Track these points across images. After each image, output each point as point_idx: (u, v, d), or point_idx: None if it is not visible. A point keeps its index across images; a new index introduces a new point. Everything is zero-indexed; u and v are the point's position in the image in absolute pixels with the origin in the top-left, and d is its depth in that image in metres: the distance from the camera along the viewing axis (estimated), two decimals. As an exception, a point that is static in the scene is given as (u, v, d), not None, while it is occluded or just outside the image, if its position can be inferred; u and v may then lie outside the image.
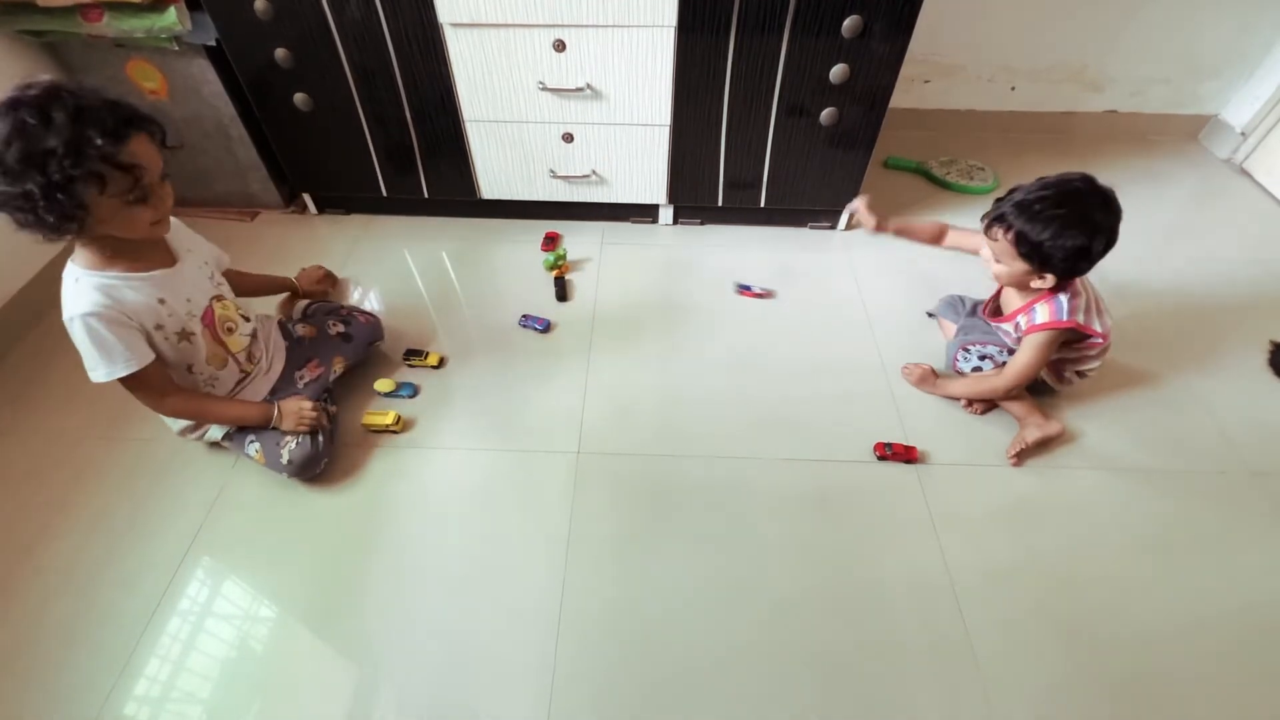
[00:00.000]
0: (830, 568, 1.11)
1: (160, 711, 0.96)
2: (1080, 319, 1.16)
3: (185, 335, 1.08)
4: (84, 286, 0.96)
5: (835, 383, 1.41)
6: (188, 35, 1.44)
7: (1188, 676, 0.99)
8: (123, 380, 1.01)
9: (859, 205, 1.37)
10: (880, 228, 1.36)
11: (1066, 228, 1.06)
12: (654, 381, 1.42)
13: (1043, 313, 1.18)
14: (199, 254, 1.16)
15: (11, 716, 0.95)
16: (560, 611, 1.05)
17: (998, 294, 1.33)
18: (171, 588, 1.08)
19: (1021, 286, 1.21)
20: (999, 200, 1.16)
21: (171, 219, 1.11)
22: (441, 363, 1.45)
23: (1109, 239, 1.08)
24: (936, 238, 1.38)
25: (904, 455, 1.25)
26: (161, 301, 1.03)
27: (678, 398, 1.38)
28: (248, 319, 1.23)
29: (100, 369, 0.98)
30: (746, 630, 1.04)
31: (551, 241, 1.76)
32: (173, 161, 0.96)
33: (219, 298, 1.15)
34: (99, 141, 0.83)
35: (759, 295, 1.59)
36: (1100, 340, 1.21)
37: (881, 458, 1.26)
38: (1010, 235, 1.11)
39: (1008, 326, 1.28)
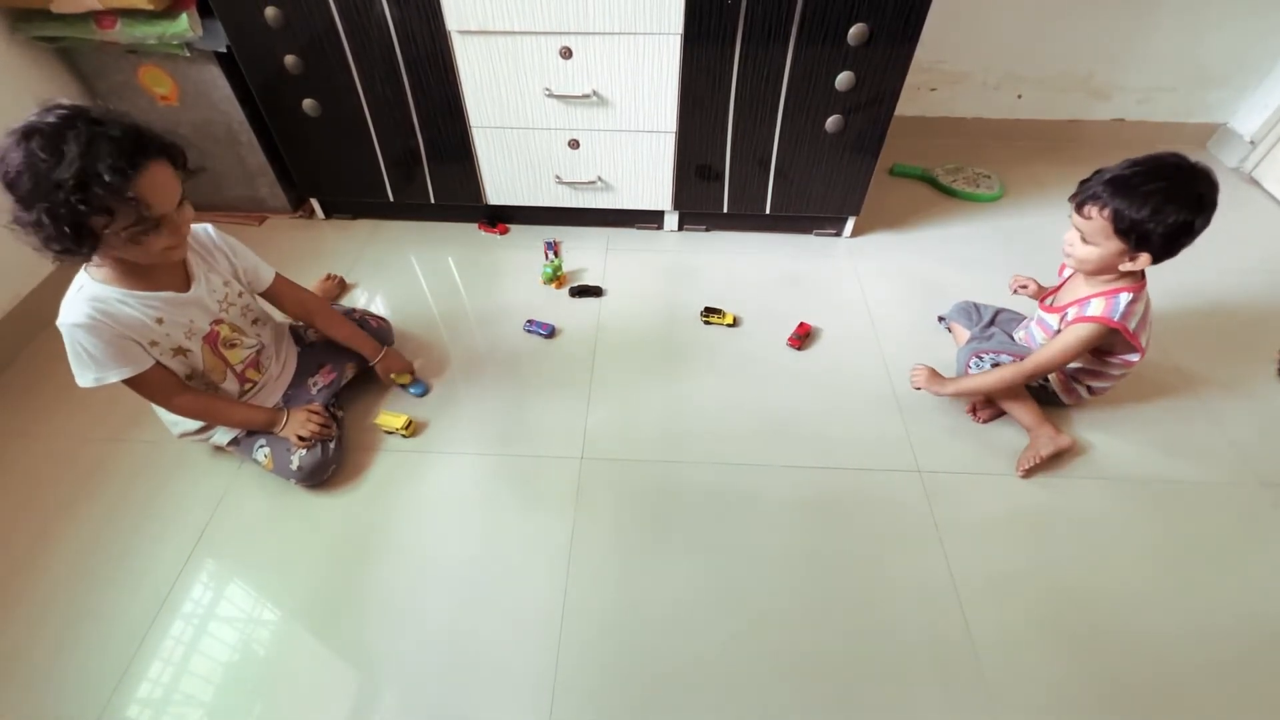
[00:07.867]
0: (834, 576, 1.10)
1: (162, 714, 0.96)
2: (1132, 325, 1.13)
3: (180, 352, 1.08)
4: (81, 297, 0.96)
5: (840, 390, 1.41)
6: (199, 42, 1.46)
7: (1196, 688, 0.98)
8: (126, 382, 1.02)
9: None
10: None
11: (1169, 202, 1.00)
12: (657, 388, 1.41)
13: (1097, 306, 1.13)
14: (222, 273, 1.14)
15: (14, 717, 0.95)
16: (562, 616, 1.05)
17: (1062, 283, 1.28)
18: (175, 591, 1.08)
19: (1106, 270, 1.13)
20: (1084, 182, 1.10)
21: (213, 230, 1.13)
22: (735, 321, 1.55)
23: (1209, 216, 1.01)
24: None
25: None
26: (159, 321, 1.02)
27: (681, 404, 1.38)
28: (258, 334, 1.22)
29: (86, 375, 0.99)
30: (749, 638, 1.03)
31: (552, 251, 1.76)
32: (191, 181, 0.95)
33: (219, 320, 1.12)
34: (107, 177, 0.81)
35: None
36: (1136, 359, 1.19)
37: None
38: (1106, 213, 1.04)
39: (1053, 319, 1.23)
